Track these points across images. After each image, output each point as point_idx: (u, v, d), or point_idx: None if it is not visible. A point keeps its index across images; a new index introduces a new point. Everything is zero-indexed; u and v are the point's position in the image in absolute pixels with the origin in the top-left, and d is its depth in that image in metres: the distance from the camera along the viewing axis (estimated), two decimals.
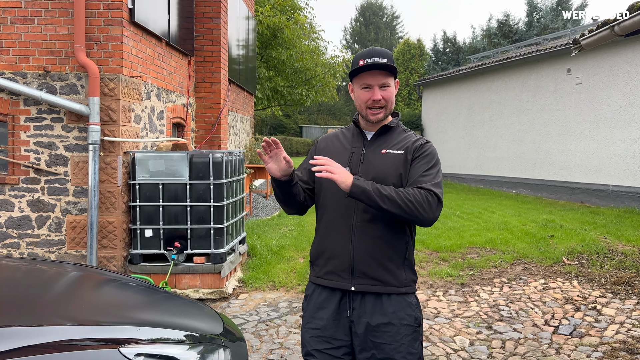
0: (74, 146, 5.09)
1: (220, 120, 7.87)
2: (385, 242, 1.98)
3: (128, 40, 5.18)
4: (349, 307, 2.00)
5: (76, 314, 2.04)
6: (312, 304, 2.07)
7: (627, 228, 7.49)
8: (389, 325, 1.97)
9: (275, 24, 15.73)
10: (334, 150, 2.11)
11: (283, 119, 39.15)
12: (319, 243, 2.07)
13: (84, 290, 2.50)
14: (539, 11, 27.60)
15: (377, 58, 1.97)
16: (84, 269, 3.12)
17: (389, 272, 1.99)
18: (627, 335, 3.99)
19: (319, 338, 2.01)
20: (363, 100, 2.02)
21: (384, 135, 2.09)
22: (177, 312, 2.30)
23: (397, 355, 1.96)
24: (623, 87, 9.60)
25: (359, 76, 2.02)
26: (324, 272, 2.04)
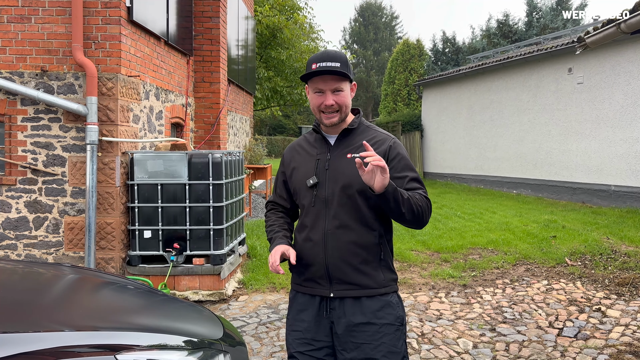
0: (71, 146, 5.03)
1: (220, 120, 7.81)
2: (358, 246, 1.98)
3: (126, 39, 5.12)
4: (327, 309, 2.01)
5: (73, 319, 1.99)
6: (294, 307, 2.10)
7: (629, 228, 7.44)
8: (368, 325, 1.97)
9: (275, 23, 15.69)
10: (300, 159, 2.09)
11: (282, 119, 39.16)
12: (298, 251, 2.05)
13: (80, 294, 2.44)
14: (539, 11, 27.55)
15: (330, 62, 1.93)
16: (81, 271, 3.06)
17: (366, 275, 1.99)
18: (632, 338, 3.93)
19: (301, 340, 2.04)
20: (316, 104, 1.99)
21: (347, 138, 2.04)
22: (175, 316, 2.24)
23: (377, 355, 1.95)
24: (625, 87, 9.54)
25: (312, 80, 1.98)
26: (303, 279, 2.07)
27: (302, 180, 2.04)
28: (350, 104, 2.01)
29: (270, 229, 2.14)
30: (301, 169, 2.06)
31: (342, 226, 1.97)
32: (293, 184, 2.09)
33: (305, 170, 2.04)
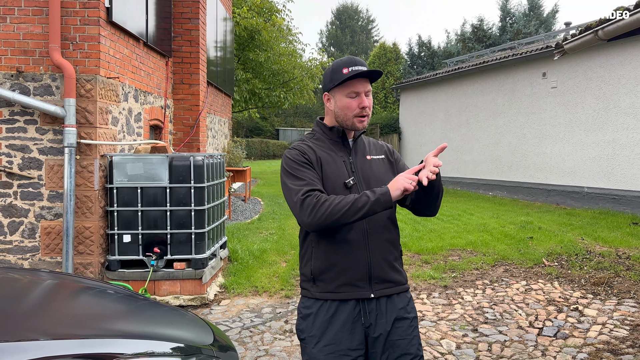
0: (48, 149, 4.93)
1: (199, 123, 7.74)
2: (391, 243, 2.03)
3: (105, 40, 5.04)
4: (365, 312, 1.96)
5: (53, 328, 1.92)
6: (320, 320, 1.95)
7: (602, 229, 7.63)
8: (402, 321, 2.00)
9: (253, 25, 15.63)
10: (327, 160, 2.00)
11: (259, 121, 38.97)
12: (325, 257, 1.96)
13: (60, 300, 2.37)
14: (512, 16, 28.08)
15: (361, 66, 1.97)
16: (60, 277, 2.99)
17: (398, 272, 2.05)
18: (610, 336, 4.03)
19: (335, 354, 1.92)
20: (351, 108, 1.97)
21: (358, 141, 2.12)
22: (163, 322, 2.20)
23: (412, 349, 1.99)
24: (597, 91, 9.79)
25: (344, 85, 1.97)
26: (336, 286, 1.95)
27: (336, 181, 1.97)
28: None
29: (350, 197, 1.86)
30: (331, 168, 1.99)
31: (380, 225, 2.00)
32: (324, 182, 1.97)
33: (336, 169, 1.99)
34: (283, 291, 5.29)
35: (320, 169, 1.97)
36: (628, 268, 5.66)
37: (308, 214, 1.85)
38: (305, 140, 2.09)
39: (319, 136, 2.09)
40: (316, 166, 1.97)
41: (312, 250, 1.99)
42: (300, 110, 45.45)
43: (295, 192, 1.89)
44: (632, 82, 9.06)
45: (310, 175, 1.94)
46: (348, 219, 1.83)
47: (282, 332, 4.28)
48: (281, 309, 4.85)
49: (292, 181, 1.93)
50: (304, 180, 1.92)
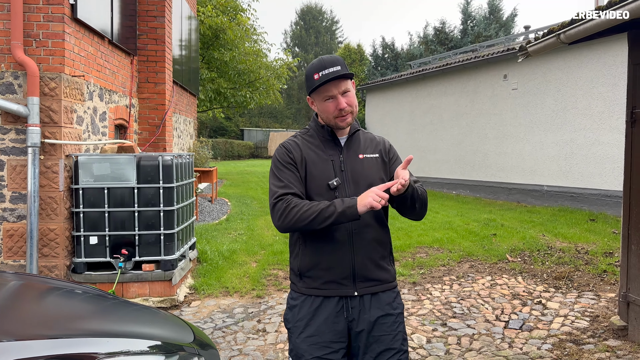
0: (10, 149, 4.77)
1: (165, 122, 7.64)
2: (378, 243, 2.04)
3: (70, 37, 4.92)
4: (347, 307, 2.00)
5: (20, 329, 1.86)
6: (304, 312, 2.02)
7: (562, 226, 7.92)
8: (387, 317, 2.03)
9: (218, 24, 15.50)
10: (313, 160, 2.02)
11: (223, 121, 38.60)
12: (311, 255, 2.00)
13: (26, 301, 2.29)
14: (473, 19, 28.75)
15: (331, 68, 1.95)
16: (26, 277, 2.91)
17: (384, 270, 2.06)
18: (572, 327, 4.19)
19: (317, 345, 1.97)
20: (330, 112, 2.00)
21: (353, 139, 2.10)
22: (142, 321, 2.18)
23: (396, 344, 2.02)
24: (555, 93, 10.15)
25: (319, 90, 1.99)
26: (321, 283, 2.00)
27: (321, 180, 1.98)
28: (357, 102, 2.04)
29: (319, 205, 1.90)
30: (317, 168, 2.00)
31: (366, 225, 2.00)
32: (308, 183, 2.00)
33: (322, 170, 2.00)
34: (254, 291, 5.28)
35: (305, 169, 2.00)
36: (587, 262, 5.90)
37: (278, 217, 1.92)
38: (298, 136, 2.12)
39: (312, 132, 2.11)
40: (300, 166, 2.00)
41: (300, 248, 2.05)
42: (265, 111, 45.25)
43: (272, 194, 1.97)
44: (588, 85, 9.44)
45: (289, 176, 1.99)
46: (315, 226, 1.88)
47: (255, 332, 4.28)
48: (253, 309, 4.84)
49: (273, 181, 2.01)
50: (282, 182, 1.97)
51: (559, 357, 3.64)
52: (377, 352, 1.99)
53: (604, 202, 9.18)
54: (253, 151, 37.07)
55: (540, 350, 3.80)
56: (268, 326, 4.39)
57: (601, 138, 9.22)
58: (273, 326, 4.39)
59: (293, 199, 1.92)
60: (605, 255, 6.17)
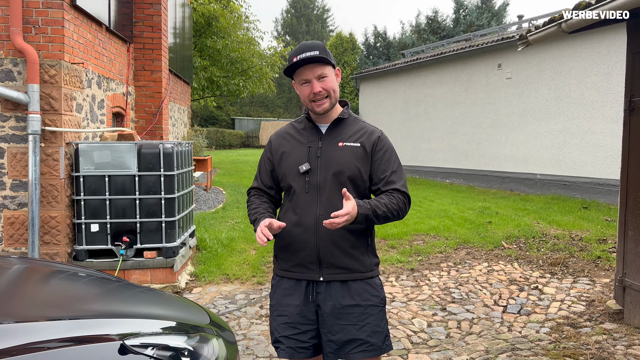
0: (10, 137, 4.76)
1: (162, 110, 7.62)
2: (348, 231, 2.03)
3: (69, 24, 4.89)
4: (313, 292, 2.06)
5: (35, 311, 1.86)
6: (278, 293, 2.13)
7: (556, 213, 8.03)
8: (354, 307, 2.04)
9: (210, 12, 15.39)
10: (289, 145, 2.11)
11: (214, 110, 38.42)
12: (282, 238, 2.08)
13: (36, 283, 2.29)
14: (465, 8, 28.75)
15: (308, 52, 1.98)
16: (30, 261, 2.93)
17: (354, 259, 2.06)
18: (568, 312, 4.29)
19: (286, 325, 2.07)
20: (305, 95, 2.04)
21: (338, 127, 2.11)
22: (161, 304, 2.22)
23: (362, 335, 2.03)
24: (549, 82, 10.24)
25: (296, 73, 2.03)
26: (290, 265, 2.08)
27: (293, 166, 2.06)
28: (337, 88, 2.06)
29: (254, 211, 2.11)
30: (292, 155, 2.09)
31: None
32: (282, 169, 2.11)
33: (296, 156, 2.07)
34: (255, 278, 5.33)
35: (280, 157, 2.12)
36: (581, 249, 6.01)
37: None
38: (289, 124, 2.22)
39: (301, 119, 2.18)
40: (275, 155, 2.16)
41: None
42: (257, 100, 45.05)
43: (249, 188, 2.26)
44: (582, 74, 9.53)
45: (262, 170, 2.22)
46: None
47: (258, 317, 4.33)
48: (254, 295, 4.89)
49: (256, 173, 2.27)
50: (257, 178, 2.25)
51: (557, 340, 3.74)
52: (342, 341, 2.03)
53: (596, 190, 9.31)
54: (244, 140, 36.95)
55: (539, 333, 3.90)
56: None
57: (594, 127, 9.33)
58: None
59: (252, 197, 2.21)
60: (599, 242, 6.29)
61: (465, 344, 3.76)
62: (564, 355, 3.43)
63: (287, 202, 2.12)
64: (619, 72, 8.81)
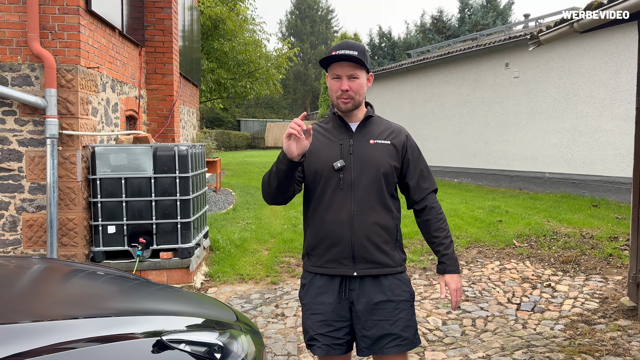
0: (28, 140, 4.84)
1: (174, 113, 7.70)
2: (381, 227, 2.10)
3: (84, 29, 4.97)
4: (346, 289, 2.11)
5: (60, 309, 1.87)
6: (311, 291, 2.16)
7: (566, 212, 8.05)
8: (387, 303, 2.10)
9: (217, 14, 15.48)
10: (320, 144, 2.14)
11: (220, 112, 38.54)
12: (315, 234, 2.13)
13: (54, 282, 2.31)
14: (470, 8, 28.74)
15: (348, 50, 2.04)
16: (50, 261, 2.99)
17: (386, 254, 2.12)
18: (582, 309, 4.33)
19: (321, 322, 2.10)
20: (333, 90, 2.10)
21: (366, 126, 2.17)
22: (189, 302, 2.27)
23: (396, 329, 2.09)
24: (557, 81, 10.25)
25: (331, 66, 2.09)
26: (324, 261, 2.12)
27: (327, 163, 2.09)
28: (364, 93, 2.12)
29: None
30: (323, 152, 2.11)
31: (368, 208, 2.08)
32: (312, 166, 2.12)
33: (328, 153, 2.10)
34: (269, 277, 5.39)
35: (309, 154, 2.12)
36: (592, 247, 6.03)
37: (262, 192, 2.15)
38: (315, 123, 2.25)
39: (328, 120, 2.23)
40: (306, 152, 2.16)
41: (307, 229, 2.19)
42: (262, 101, 45.16)
43: None
44: (590, 72, 9.54)
45: None
46: (273, 184, 2.03)
47: (274, 316, 4.39)
48: (269, 294, 4.95)
49: None
50: None
51: (572, 337, 3.77)
52: (376, 337, 2.08)
53: (605, 188, 9.31)
54: (250, 142, 37.06)
55: (554, 330, 3.93)
56: (286, 311, 4.50)
57: (603, 125, 9.34)
58: (291, 311, 4.50)
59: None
60: (610, 239, 6.31)
61: (480, 341, 3.80)
62: (579, 352, 3.46)
63: (317, 199, 2.13)
64: (627, 70, 8.82)
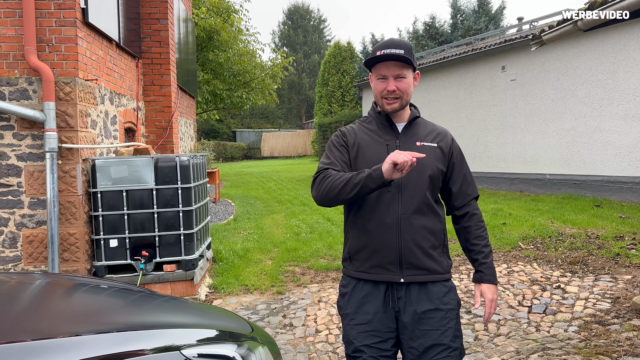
0: (27, 155, 4.77)
1: (172, 124, 7.64)
2: (428, 231, 2.00)
3: (82, 41, 4.92)
4: (393, 297, 2.00)
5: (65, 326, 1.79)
6: (355, 299, 2.04)
7: (569, 213, 8.01)
8: (435, 311, 1.99)
9: (212, 26, 15.48)
10: (366, 143, 2.05)
11: (215, 123, 38.50)
12: (359, 237, 2.03)
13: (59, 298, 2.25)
14: (463, 13, 28.89)
15: (394, 49, 1.96)
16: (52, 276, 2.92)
17: (434, 260, 2.02)
18: (594, 309, 4.27)
19: (367, 333, 1.99)
20: (378, 90, 2.02)
21: (412, 127, 2.09)
22: (203, 314, 2.21)
23: (445, 340, 1.97)
24: (554, 82, 10.26)
25: (375, 67, 2.01)
26: (368, 266, 2.02)
27: (374, 163, 1.93)
28: (411, 92, 2.03)
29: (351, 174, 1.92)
30: (369, 151, 2.02)
31: (416, 211, 1.99)
32: (359, 165, 2.02)
33: (376, 153, 2.01)
34: (274, 287, 5.32)
35: (356, 152, 2.04)
36: (599, 247, 5.98)
37: (315, 189, 1.98)
38: (357, 122, 2.17)
39: (370, 119, 2.14)
40: (351, 149, 2.06)
41: (350, 231, 2.09)
42: (257, 111, 45.18)
43: (317, 170, 2.03)
44: (587, 73, 9.55)
45: (337, 155, 2.05)
46: (345, 195, 1.89)
47: (282, 327, 4.31)
48: (276, 304, 4.87)
49: (322, 159, 2.07)
50: (330, 160, 2.04)
51: (587, 338, 3.71)
52: (424, 347, 1.96)
53: (607, 188, 9.29)
54: (246, 152, 37.03)
55: (568, 332, 3.87)
56: (294, 321, 4.42)
57: (602, 125, 9.33)
58: (299, 320, 4.42)
59: (331, 172, 1.97)
60: (616, 239, 6.26)
61: (494, 345, 3.74)
62: (596, 353, 3.40)
63: (366, 200, 2.01)
64: (624, 69, 8.83)
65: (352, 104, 28.03)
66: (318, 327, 4.26)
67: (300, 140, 35.43)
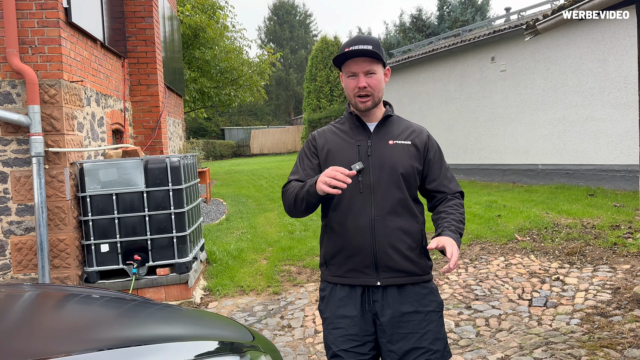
0: (13, 160, 4.63)
1: (161, 124, 7.51)
2: (404, 232, 1.94)
3: (66, 42, 4.79)
4: (369, 300, 1.96)
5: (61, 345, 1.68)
6: (332, 303, 2.01)
7: (563, 203, 8.00)
8: (414, 314, 1.94)
9: (197, 23, 15.30)
10: (337, 146, 2.02)
11: (203, 122, 38.26)
12: (334, 241, 1.99)
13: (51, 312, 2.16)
14: (449, 5, 28.88)
15: (362, 45, 1.92)
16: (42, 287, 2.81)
17: (412, 262, 1.96)
18: (595, 301, 4.23)
19: (344, 337, 1.95)
20: (350, 88, 1.98)
21: (385, 126, 2.04)
22: (201, 323, 2.11)
23: (424, 343, 1.93)
24: (545, 72, 10.24)
25: (345, 64, 1.97)
26: (344, 271, 1.98)
27: (345, 166, 1.89)
28: (383, 89, 1.99)
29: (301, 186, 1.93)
30: (340, 154, 1.98)
31: (391, 212, 1.93)
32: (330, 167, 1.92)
33: (346, 155, 1.97)
34: (270, 288, 5.23)
35: (326, 155, 2.01)
36: (595, 237, 5.96)
37: (283, 203, 2.02)
38: (330, 124, 2.13)
39: (343, 120, 2.10)
40: (320, 152, 2.04)
41: (325, 235, 2.05)
42: (245, 109, 44.92)
43: (285, 183, 2.06)
44: (578, 62, 9.53)
45: (306, 164, 2.05)
46: (300, 207, 1.91)
47: (280, 328, 4.23)
48: (273, 305, 4.79)
49: (292, 170, 2.09)
50: (296, 170, 2.06)
51: (590, 331, 3.67)
52: (403, 351, 1.92)
53: (600, 176, 9.30)
54: (235, 150, 36.80)
55: (570, 325, 3.83)
56: (292, 322, 4.35)
57: (594, 114, 9.33)
58: (297, 321, 4.34)
59: (292, 185, 1.98)
60: (612, 228, 6.25)
61: (497, 341, 3.69)
62: (601, 346, 3.36)
63: (335, 204, 1.98)
64: (615, 57, 8.82)
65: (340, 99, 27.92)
66: (317, 327, 4.19)
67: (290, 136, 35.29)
